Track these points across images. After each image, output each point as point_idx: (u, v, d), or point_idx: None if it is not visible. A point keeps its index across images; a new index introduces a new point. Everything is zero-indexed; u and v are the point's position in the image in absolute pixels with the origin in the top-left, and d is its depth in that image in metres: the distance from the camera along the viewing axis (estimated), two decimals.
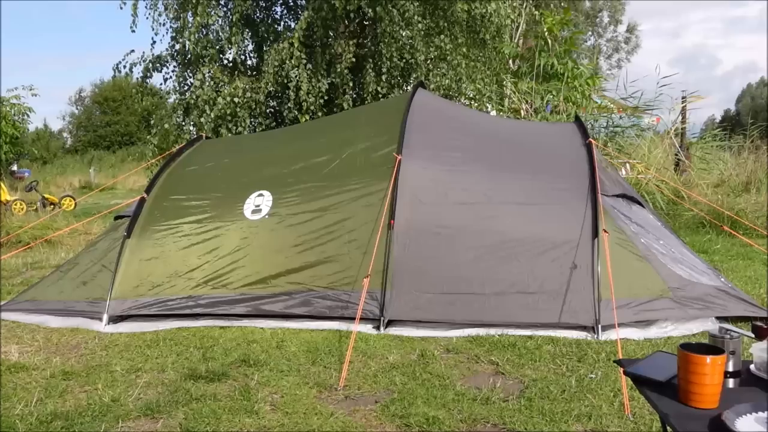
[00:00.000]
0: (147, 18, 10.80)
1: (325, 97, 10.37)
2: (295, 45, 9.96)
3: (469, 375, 3.85)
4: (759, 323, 2.06)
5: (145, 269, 5.14)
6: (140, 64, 11.13)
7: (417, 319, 4.67)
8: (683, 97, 11.99)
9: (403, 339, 4.46)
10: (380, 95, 10.34)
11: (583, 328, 4.46)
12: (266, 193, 5.34)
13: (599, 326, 4.38)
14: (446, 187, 5.10)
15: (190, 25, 10.38)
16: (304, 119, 10.05)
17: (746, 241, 7.00)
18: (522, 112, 11.63)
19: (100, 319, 4.90)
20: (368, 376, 3.82)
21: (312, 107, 10.13)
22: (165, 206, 5.58)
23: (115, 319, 4.96)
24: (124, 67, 11.14)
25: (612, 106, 12.93)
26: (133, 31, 10.96)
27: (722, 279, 5.10)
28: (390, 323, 4.65)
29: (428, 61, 10.70)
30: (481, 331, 4.48)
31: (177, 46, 11.04)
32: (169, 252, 5.21)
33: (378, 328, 4.61)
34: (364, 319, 4.54)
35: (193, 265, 5.09)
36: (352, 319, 4.41)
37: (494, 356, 4.09)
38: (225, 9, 10.96)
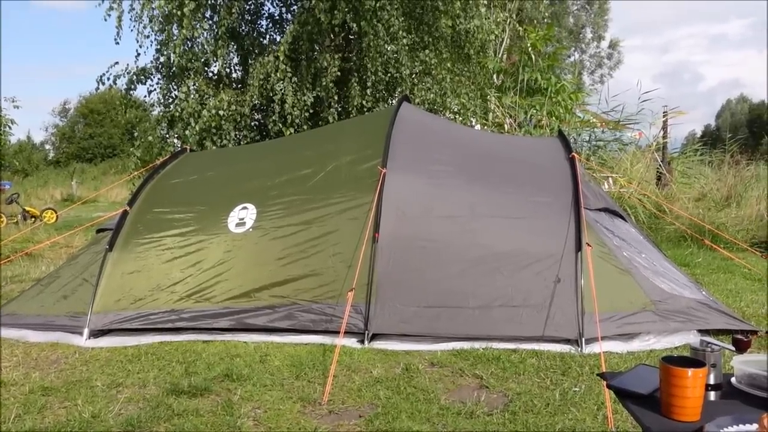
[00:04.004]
0: (131, 30, 10.71)
1: (311, 111, 10.37)
2: (281, 58, 9.98)
3: (454, 389, 3.84)
4: (739, 336, 2.08)
5: (127, 283, 5.09)
6: (124, 76, 11.06)
7: (401, 332, 4.66)
8: (664, 112, 12.16)
9: (387, 353, 4.44)
10: (365, 109, 10.37)
11: (567, 341, 4.48)
12: (250, 206, 5.32)
13: (583, 339, 4.40)
14: (431, 201, 5.11)
15: (175, 37, 10.35)
16: (288, 132, 10.05)
17: (727, 254, 7.10)
18: (506, 126, 11.72)
19: (81, 334, 4.83)
20: (352, 390, 3.80)
21: (297, 120, 10.13)
22: (148, 219, 5.55)
23: (96, 334, 4.89)
24: (108, 79, 11.08)
25: (594, 120, 13.08)
26: (117, 43, 10.91)
27: (703, 292, 5.15)
28: (374, 337, 4.64)
29: (413, 76, 10.76)
30: (466, 345, 4.48)
31: (162, 59, 11.00)
32: (151, 265, 5.17)
33: (362, 341, 4.59)
34: (349, 333, 4.52)
35: (176, 278, 5.05)
36: (336, 332, 4.39)
37: (479, 370, 4.09)
38: (210, 22, 10.95)
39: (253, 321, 4.82)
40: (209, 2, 10.76)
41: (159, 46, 10.92)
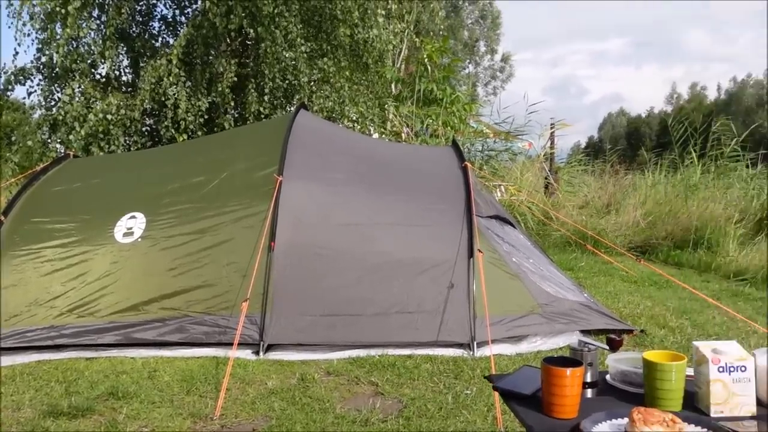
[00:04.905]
0: (9, 27, 10.02)
1: (205, 117, 10.09)
2: (174, 62, 9.65)
3: (349, 397, 3.84)
4: (612, 336, 2.22)
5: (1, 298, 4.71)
6: (1, 76, 10.31)
7: (298, 342, 4.60)
8: (552, 124, 12.81)
9: (283, 363, 4.38)
10: (262, 116, 10.22)
11: (460, 345, 4.59)
12: (139, 215, 5.09)
13: (475, 343, 4.53)
14: (328, 209, 5.10)
15: (58, 36, 9.77)
16: (182, 139, 9.72)
17: (607, 259, 7.56)
18: (403, 135, 11.93)
19: None
20: (246, 403, 3.71)
21: (191, 126, 9.82)
22: (25, 230, 5.17)
23: None
24: None
25: (487, 131, 13.57)
26: None
27: (585, 294, 5.45)
28: (270, 347, 4.55)
29: (311, 83, 10.73)
30: (362, 353, 4.49)
31: (43, 59, 10.35)
32: (29, 279, 4.82)
33: (257, 353, 4.49)
34: (243, 344, 4.41)
35: (56, 292, 4.74)
36: (230, 344, 4.28)
37: (374, 377, 4.11)
38: (98, 22, 10.42)
39: (141, 335, 4.60)
40: (96, 1, 10.24)
41: (41, 46, 10.27)
